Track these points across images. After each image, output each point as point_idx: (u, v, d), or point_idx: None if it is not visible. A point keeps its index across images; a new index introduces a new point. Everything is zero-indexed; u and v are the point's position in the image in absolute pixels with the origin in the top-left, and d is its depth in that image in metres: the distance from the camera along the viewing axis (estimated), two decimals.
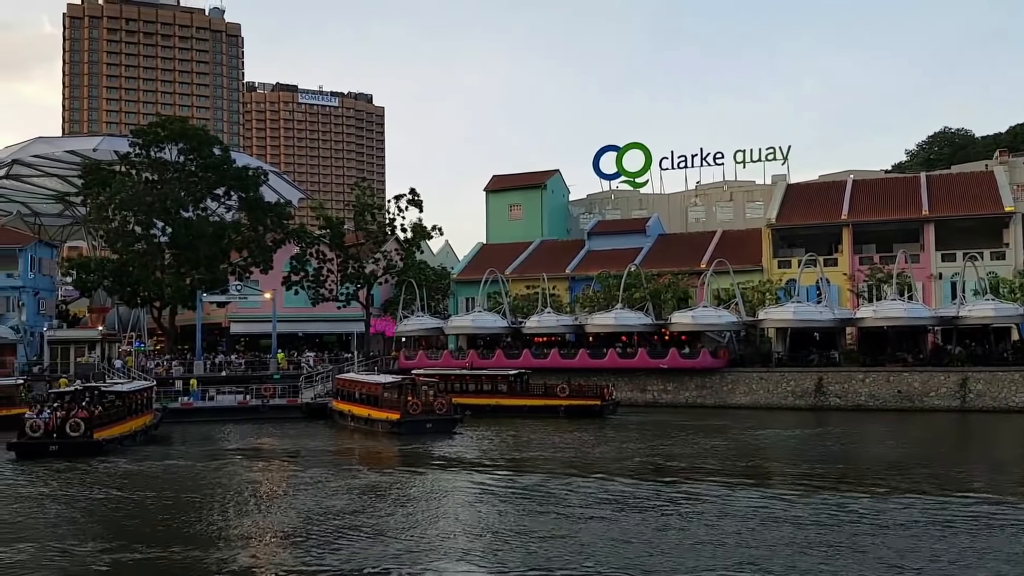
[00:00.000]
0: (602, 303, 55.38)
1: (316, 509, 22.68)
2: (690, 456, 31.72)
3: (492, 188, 76.95)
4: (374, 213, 61.87)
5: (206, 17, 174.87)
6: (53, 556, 18.43)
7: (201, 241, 54.80)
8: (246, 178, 57.98)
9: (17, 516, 22.58)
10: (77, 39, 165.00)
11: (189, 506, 23.71)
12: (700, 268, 57.48)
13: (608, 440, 36.74)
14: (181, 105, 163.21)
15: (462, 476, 28.02)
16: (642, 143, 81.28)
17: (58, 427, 32.95)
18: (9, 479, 28.33)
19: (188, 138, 56.49)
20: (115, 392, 38.24)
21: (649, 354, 51.22)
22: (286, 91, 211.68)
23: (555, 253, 66.71)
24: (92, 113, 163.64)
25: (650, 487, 25.31)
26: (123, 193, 53.93)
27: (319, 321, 62.51)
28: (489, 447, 35.38)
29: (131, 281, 54.85)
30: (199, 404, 47.77)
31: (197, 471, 30.19)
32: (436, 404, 39.76)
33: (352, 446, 37.36)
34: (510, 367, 50.48)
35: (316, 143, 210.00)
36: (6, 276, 57.76)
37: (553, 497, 23.91)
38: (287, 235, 59.90)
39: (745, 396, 49.28)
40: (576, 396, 45.60)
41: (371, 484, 26.61)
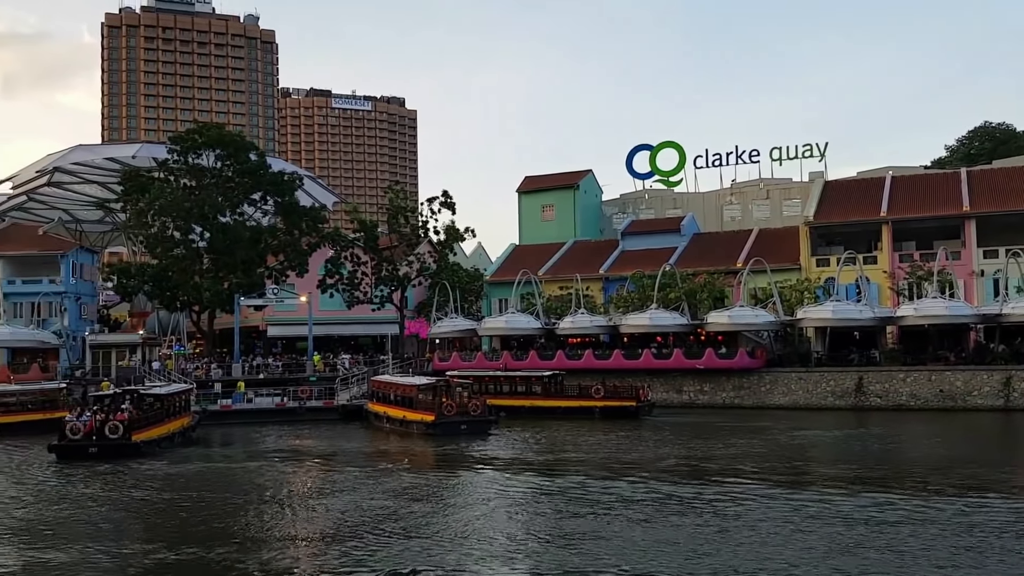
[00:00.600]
0: (636, 303, 55.03)
1: (353, 510, 22.78)
2: (728, 457, 31.34)
3: (524, 189, 76.91)
4: (407, 216, 62.20)
5: (241, 24, 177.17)
6: (95, 557, 18.70)
7: (238, 245, 55.57)
8: (282, 183, 58.68)
9: (59, 517, 22.97)
10: (115, 48, 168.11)
11: (228, 507, 23.96)
12: (736, 267, 56.85)
13: (644, 441, 36.46)
14: (217, 112, 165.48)
15: (497, 477, 27.97)
16: (676, 142, 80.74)
17: (97, 429, 33.54)
18: (51, 480, 28.86)
19: (225, 144, 57.33)
20: (153, 395, 38.84)
21: (685, 355, 50.76)
22: (320, 96, 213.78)
23: (588, 253, 66.44)
24: (131, 120, 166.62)
25: (688, 488, 25.04)
26: (162, 199, 54.87)
27: (354, 323, 62.97)
28: (524, 448, 35.31)
29: (170, 285, 55.78)
30: (238, 406, 48.35)
31: (236, 472, 30.53)
32: (471, 406, 39.78)
33: (388, 448, 37.50)
34: (544, 368, 50.37)
35: (350, 147, 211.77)
36: (48, 282, 59.08)
37: (589, 499, 23.76)
38: (322, 239, 60.47)
39: (784, 396, 48.63)
40: (611, 397, 45.32)
41: (407, 485, 26.67)
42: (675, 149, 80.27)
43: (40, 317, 58.64)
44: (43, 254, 60.33)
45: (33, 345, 54.48)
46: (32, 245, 61.65)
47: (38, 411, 43.34)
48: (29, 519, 22.72)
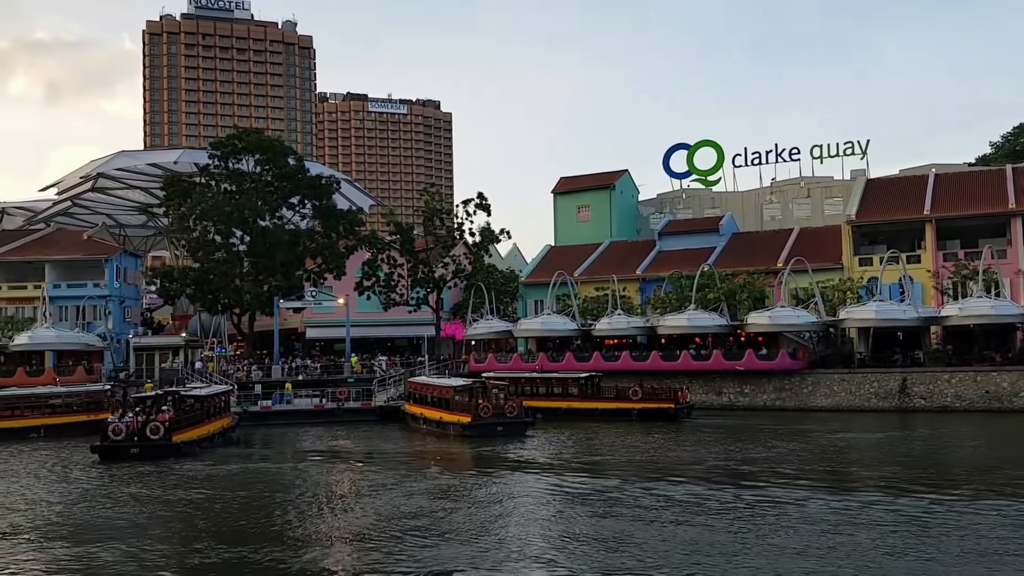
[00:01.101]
0: (674, 304, 54.53)
1: (391, 511, 22.84)
2: (769, 460, 30.87)
3: (560, 190, 76.73)
4: (443, 218, 62.41)
5: (279, 31, 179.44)
6: (138, 556, 18.96)
7: (277, 249, 56.25)
8: (319, 187, 59.29)
9: (101, 516, 23.36)
10: (156, 55, 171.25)
11: (268, 507, 24.19)
12: (777, 267, 56.08)
13: (683, 444, 36.08)
14: (256, 117, 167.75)
15: (534, 479, 27.85)
16: (714, 140, 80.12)
17: (139, 430, 34.12)
18: (93, 480, 29.37)
19: (264, 149, 58.11)
20: (193, 396, 39.42)
21: (724, 356, 50.16)
22: (356, 100, 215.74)
23: (625, 254, 66.02)
24: (172, 127, 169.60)
25: (728, 491, 24.70)
26: (203, 204, 55.74)
27: (390, 325, 63.34)
28: (561, 450, 35.16)
29: (212, 289, 56.61)
30: (277, 407, 48.90)
31: (275, 472, 30.85)
32: (507, 407, 39.74)
33: (425, 449, 37.60)
34: (580, 370, 50.12)
35: (386, 150, 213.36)
36: (93, 285, 60.23)
37: (628, 501, 23.55)
38: (359, 241, 60.94)
39: (826, 398, 47.86)
40: (649, 399, 44.94)
41: (444, 486, 26.71)
42: (713, 148, 79.57)
43: (85, 320, 59.79)
44: (88, 258, 61.56)
45: (78, 348, 55.59)
46: (77, 250, 62.98)
47: (83, 412, 44.16)
48: (72, 518, 23.15)
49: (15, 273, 61.39)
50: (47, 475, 30.64)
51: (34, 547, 19.72)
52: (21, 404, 44.48)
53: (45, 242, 65.22)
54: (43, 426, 43.03)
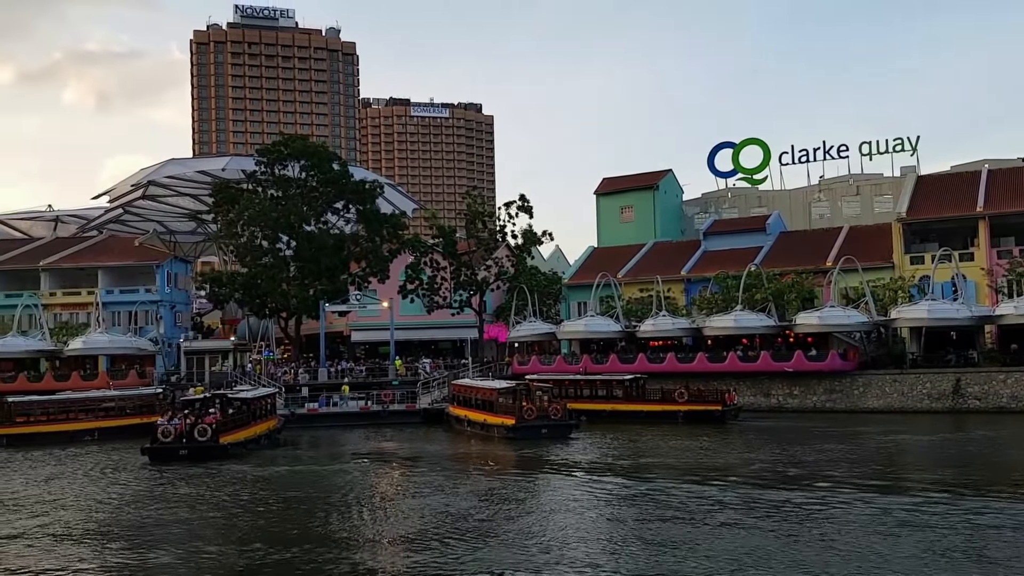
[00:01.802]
0: (720, 305, 53.85)
1: (436, 513, 22.87)
2: (819, 462, 30.29)
3: (603, 191, 76.35)
4: (485, 220, 62.49)
5: (323, 38, 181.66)
6: (186, 556, 19.26)
7: (323, 253, 56.92)
8: (363, 191, 59.86)
9: (151, 517, 23.75)
10: (204, 64, 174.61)
11: (315, 507, 24.38)
12: (826, 266, 55.07)
13: (731, 446, 35.61)
14: (301, 123, 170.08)
15: (579, 481, 27.69)
16: (760, 138, 79.18)
17: (187, 432, 34.82)
18: (144, 482, 29.91)
19: (309, 155, 58.88)
20: (240, 398, 40.06)
21: (773, 357, 49.37)
22: (399, 105, 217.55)
23: (669, 254, 65.41)
24: (220, 134, 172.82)
25: (777, 493, 24.29)
26: (250, 210, 56.66)
27: (434, 328, 63.63)
28: (605, 452, 34.91)
29: (259, 293, 57.49)
30: (324, 410, 49.47)
31: (322, 474, 31.14)
32: (551, 409, 39.59)
33: (469, 451, 37.65)
34: (625, 372, 49.73)
35: (428, 154, 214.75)
36: (145, 291, 61.58)
37: (675, 503, 23.27)
38: (402, 245, 61.35)
39: (878, 399, 46.86)
40: (695, 401, 44.43)
41: (488, 489, 26.68)
42: (759, 146, 78.63)
43: (137, 325, 61.18)
44: (139, 264, 62.97)
45: (131, 352, 56.80)
46: (129, 256, 64.45)
47: (136, 415, 45.08)
48: (123, 519, 23.61)
49: (69, 279, 63.03)
50: (99, 477, 31.33)
51: (86, 548, 20.13)
52: (75, 407, 45.56)
53: (98, 249, 66.87)
54: (97, 429, 44.00)
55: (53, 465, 34.21)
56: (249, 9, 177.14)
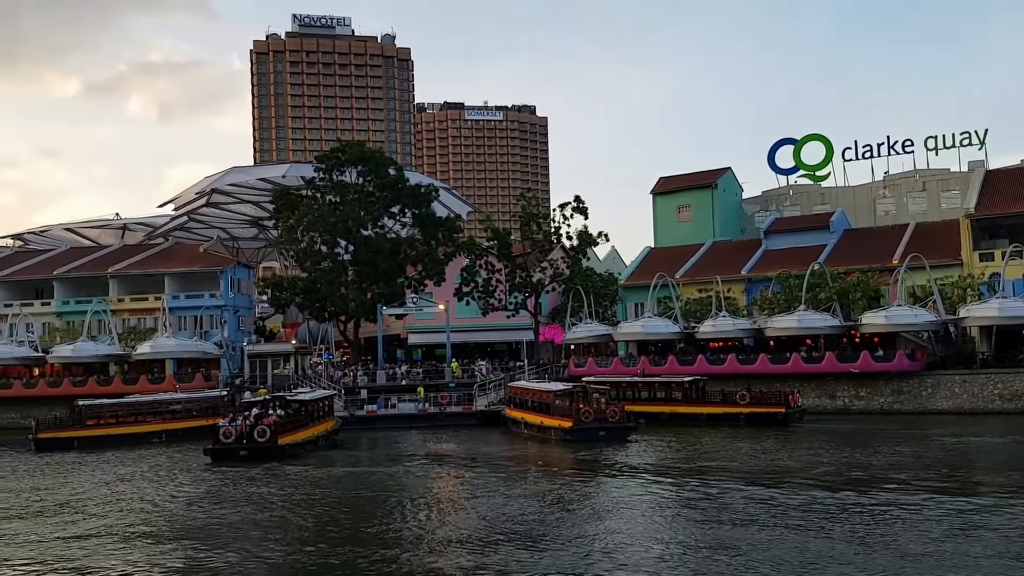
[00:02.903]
0: (783, 305, 52.71)
1: (493, 515, 22.82)
2: (887, 465, 29.40)
3: (659, 190, 75.46)
4: (539, 222, 62.33)
5: (378, 44, 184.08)
6: (248, 556, 19.54)
7: (380, 257, 57.57)
8: (419, 195, 60.38)
9: (214, 516, 24.22)
10: (263, 73, 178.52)
11: (371, 508, 24.60)
12: (892, 264, 53.44)
13: (795, 448, 34.78)
14: (358, 129, 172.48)
15: (638, 485, 27.33)
16: (822, 134, 77.51)
17: (247, 433, 35.69)
18: (207, 482, 30.59)
19: (366, 160, 59.66)
20: (298, 400, 40.77)
21: (838, 358, 48.15)
22: (453, 109, 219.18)
23: (729, 254, 64.27)
24: (280, 142, 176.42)
25: (844, 497, 23.67)
26: (310, 215, 57.64)
27: (490, 330, 63.72)
28: (665, 456, 34.44)
29: (319, 297, 58.43)
30: (382, 412, 49.96)
31: (380, 475, 31.40)
32: (608, 412, 39.22)
33: (526, 453, 37.56)
34: (684, 374, 49.02)
35: (483, 157, 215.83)
36: (209, 296, 63.03)
37: (735, 507, 22.79)
38: (457, 248, 61.64)
39: (947, 401, 45.36)
40: (758, 403, 43.57)
41: (546, 491, 26.50)
42: (821, 142, 77.00)
43: (202, 329, 62.67)
44: (204, 270, 64.48)
45: (196, 356, 58.25)
46: (194, 262, 66.08)
47: (201, 418, 46.16)
48: (185, 519, 24.13)
49: (137, 285, 64.89)
50: (164, 477, 32.15)
51: (150, 548, 20.59)
52: (144, 410, 46.89)
53: (164, 256, 68.73)
54: (164, 431, 45.22)
55: (121, 466, 35.21)
56: (307, 18, 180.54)
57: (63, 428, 44.32)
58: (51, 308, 63.76)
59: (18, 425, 50.30)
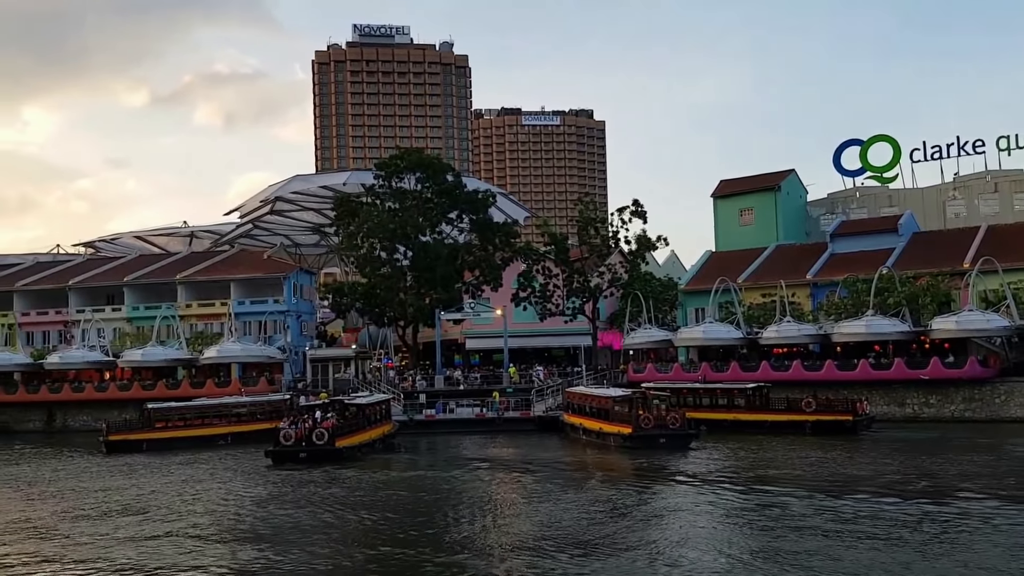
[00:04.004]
0: (850, 310, 51.31)
1: (552, 521, 22.61)
2: (958, 475, 28.39)
3: (720, 193, 74.32)
4: (597, 227, 61.92)
5: (437, 52, 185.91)
6: (305, 555, 19.70)
7: (438, 263, 57.96)
8: (476, 201, 60.62)
9: (275, 518, 24.55)
10: (325, 83, 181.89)
11: (428, 511, 24.62)
12: (963, 268, 51.59)
13: (863, 457, 33.85)
14: (416, 136, 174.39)
15: (700, 493, 26.80)
16: (889, 135, 75.69)
17: (306, 436, 36.37)
18: (268, 484, 31.03)
19: (424, 167, 60.20)
20: (356, 404, 41.41)
21: (907, 364, 46.82)
22: (510, 115, 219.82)
23: (793, 258, 62.84)
24: (340, 150, 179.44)
25: (915, 507, 22.95)
26: (369, 222, 58.37)
27: (547, 335, 63.49)
28: (728, 464, 33.74)
29: (378, 302, 59.04)
30: (440, 416, 50.23)
31: (437, 478, 31.51)
32: (669, 418, 38.64)
33: (584, 459, 37.25)
34: (747, 380, 48.09)
35: (540, 162, 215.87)
36: (273, 302, 64.23)
37: (804, 516, 22.18)
38: (515, 253, 61.65)
39: (1021, 408, 43.84)
40: (824, 411, 42.45)
41: (605, 498, 26.19)
42: (888, 143, 75.17)
43: (266, 334, 63.83)
44: (268, 276, 65.74)
45: (261, 360, 59.40)
46: (258, 268, 67.42)
47: (266, 421, 46.87)
48: (247, 520, 24.49)
49: (204, 291, 66.52)
50: (228, 478, 32.83)
51: (215, 547, 20.95)
52: (210, 413, 47.99)
53: (230, 262, 70.32)
54: (230, 433, 46.14)
55: (188, 468, 36.05)
56: (367, 28, 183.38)
57: (133, 431, 45.57)
58: (122, 314, 65.75)
59: (90, 428, 51.93)
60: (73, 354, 59.29)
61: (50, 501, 28.47)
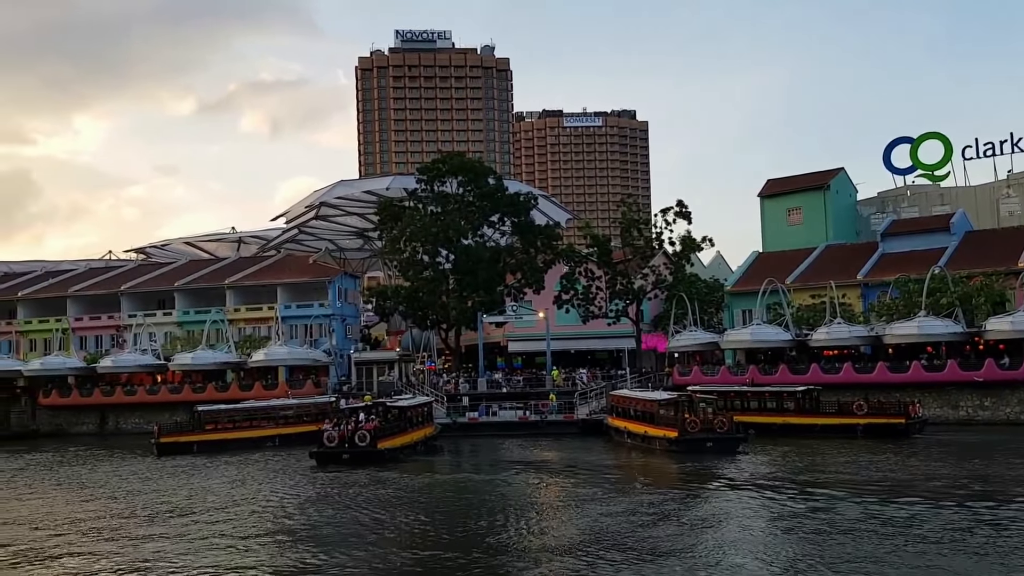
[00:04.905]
0: (902, 311, 50.14)
1: (596, 525, 22.40)
2: (1015, 479, 27.73)
3: (767, 193, 73.16)
4: (640, 228, 61.43)
5: (478, 56, 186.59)
6: (346, 557, 19.75)
7: (480, 266, 58.06)
8: (518, 204, 60.60)
9: (320, 519, 24.76)
10: (368, 88, 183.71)
11: (470, 513, 24.59)
12: (1018, 267, 50.09)
13: (916, 461, 33.05)
14: (458, 140, 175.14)
15: (749, 498, 26.33)
16: (940, 132, 74.00)
17: (348, 438, 36.88)
18: (314, 484, 31.33)
19: (466, 171, 60.39)
20: (398, 407, 41.71)
21: (961, 366, 45.67)
22: (552, 117, 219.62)
23: (843, 258, 61.59)
24: (383, 155, 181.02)
25: (969, 512, 22.26)
26: (412, 226, 58.72)
27: (590, 338, 63.12)
28: (778, 468, 33.15)
29: (421, 305, 59.34)
30: (483, 419, 50.26)
31: (479, 481, 31.54)
32: (716, 422, 38.08)
33: (629, 463, 36.94)
34: (796, 383, 47.27)
35: (582, 164, 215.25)
36: (318, 305, 64.97)
37: (855, 523, 21.65)
38: (557, 255, 61.45)
39: None
40: (876, 414, 41.60)
41: (651, 503, 25.86)
42: (940, 140, 73.48)
43: (312, 337, 64.57)
44: (313, 281, 66.53)
45: (307, 363, 60.11)
46: (304, 273, 68.27)
47: (312, 423, 47.16)
48: (291, 520, 24.69)
49: (252, 296, 67.56)
50: (273, 479, 33.25)
51: (260, 547, 21.14)
52: (258, 415, 48.72)
53: (277, 267, 71.31)
54: (277, 435, 46.74)
55: (236, 469, 36.59)
56: (409, 33, 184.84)
57: (183, 433, 46.40)
58: (172, 318, 67.06)
59: (142, 430, 53.01)
60: (125, 358, 60.63)
61: (105, 502, 29.09)
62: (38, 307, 69.73)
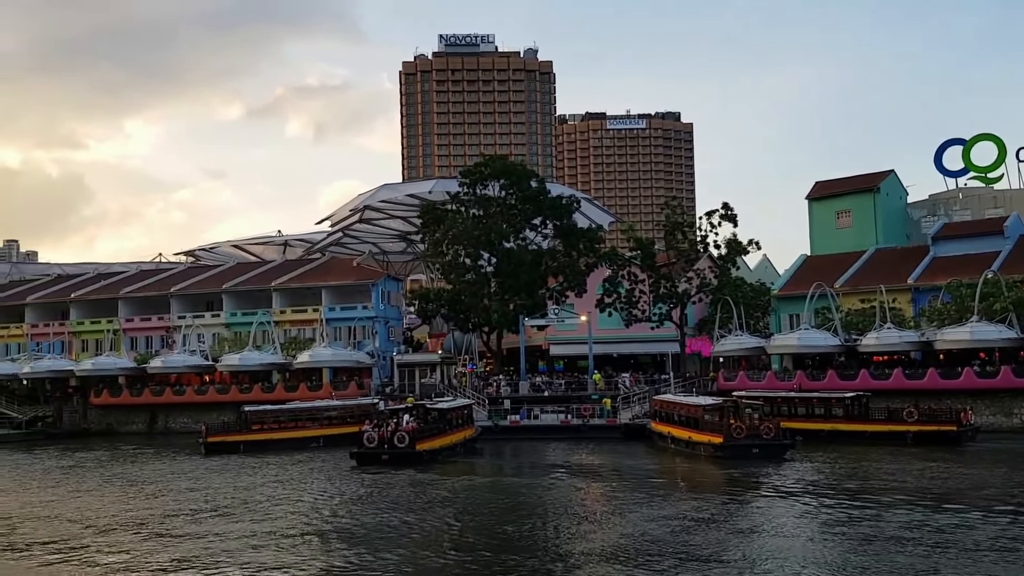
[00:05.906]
0: (954, 316, 48.88)
1: (639, 531, 22.15)
2: None
3: (815, 196, 71.96)
4: (685, 231, 60.81)
5: (521, 59, 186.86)
6: (384, 559, 19.81)
7: (522, 269, 58.04)
8: (560, 207, 60.47)
9: (360, 519, 24.83)
10: (412, 92, 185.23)
11: (510, 516, 24.50)
12: None
13: (968, 469, 32.16)
14: (501, 143, 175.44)
15: (796, 506, 25.82)
16: (993, 134, 72.25)
17: (388, 439, 37.20)
18: (354, 485, 31.51)
19: (508, 174, 60.45)
20: (437, 409, 41.90)
21: (1015, 372, 44.55)
22: (595, 119, 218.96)
23: (893, 262, 60.31)
24: (426, 158, 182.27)
25: (1023, 522, 21.46)
26: (454, 229, 58.97)
27: (633, 342, 62.70)
28: (825, 475, 32.50)
29: (463, 308, 59.52)
30: (525, 422, 50.14)
31: (519, 484, 31.46)
32: (762, 428, 37.47)
33: (673, 468, 36.49)
34: (845, 389, 46.34)
35: (625, 166, 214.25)
36: (362, 308, 65.55)
37: (905, 530, 21.10)
38: (599, 259, 61.17)
39: None
40: (927, 421, 40.61)
41: (695, 509, 25.50)
42: (993, 142, 71.68)
43: (355, 339, 65.16)
44: (357, 283, 67.15)
45: (350, 365, 60.63)
46: (348, 275, 68.95)
47: (355, 424, 47.35)
48: (332, 520, 24.84)
49: (297, 298, 68.44)
50: (316, 479, 33.61)
51: (302, 546, 21.30)
52: (303, 416, 49.30)
53: (321, 270, 72.14)
54: (322, 436, 47.20)
55: (281, 469, 37.05)
56: (452, 37, 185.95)
57: (230, 433, 47.14)
58: (220, 319, 68.20)
59: (190, 430, 53.98)
60: (174, 358, 61.79)
61: (154, 500, 29.63)
62: (90, 308, 71.47)
